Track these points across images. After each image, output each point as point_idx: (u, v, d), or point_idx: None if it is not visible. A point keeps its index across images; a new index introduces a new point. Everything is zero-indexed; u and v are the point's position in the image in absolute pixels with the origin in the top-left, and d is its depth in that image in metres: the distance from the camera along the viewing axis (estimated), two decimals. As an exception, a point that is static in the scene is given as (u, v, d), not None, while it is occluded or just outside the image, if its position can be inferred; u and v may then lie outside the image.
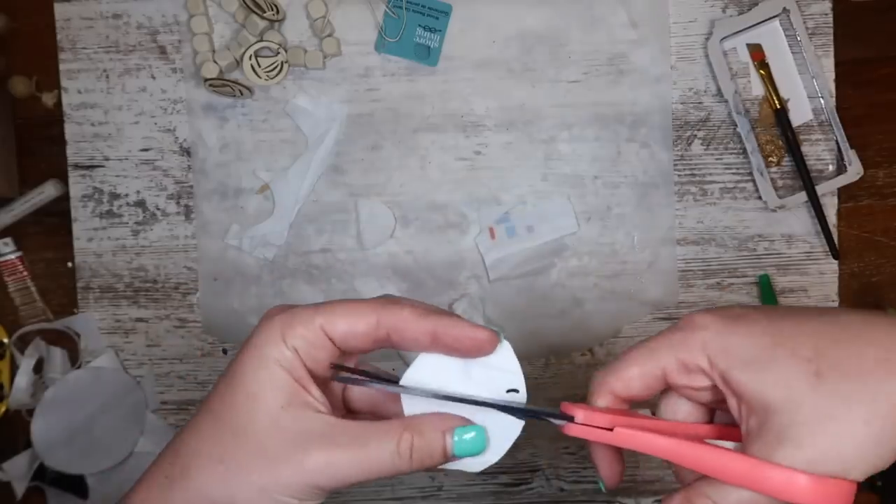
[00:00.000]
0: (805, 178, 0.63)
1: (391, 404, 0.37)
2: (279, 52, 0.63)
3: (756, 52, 0.64)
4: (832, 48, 0.64)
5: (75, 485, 0.65)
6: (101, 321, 0.66)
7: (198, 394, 0.66)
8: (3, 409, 0.65)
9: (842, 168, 0.64)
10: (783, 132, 0.63)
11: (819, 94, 0.63)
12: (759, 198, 0.64)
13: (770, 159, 0.64)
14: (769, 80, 0.63)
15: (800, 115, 0.64)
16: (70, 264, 0.66)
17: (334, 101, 0.65)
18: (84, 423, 0.64)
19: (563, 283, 0.65)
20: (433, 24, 0.64)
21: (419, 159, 0.65)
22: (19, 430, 0.65)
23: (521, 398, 0.37)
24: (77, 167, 0.65)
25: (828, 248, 0.64)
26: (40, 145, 0.66)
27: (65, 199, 0.65)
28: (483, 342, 0.36)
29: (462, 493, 0.66)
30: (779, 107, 0.63)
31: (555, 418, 0.36)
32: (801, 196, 0.63)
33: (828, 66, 0.64)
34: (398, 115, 0.65)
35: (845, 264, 0.65)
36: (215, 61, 0.63)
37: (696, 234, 0.65)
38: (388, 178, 0.65)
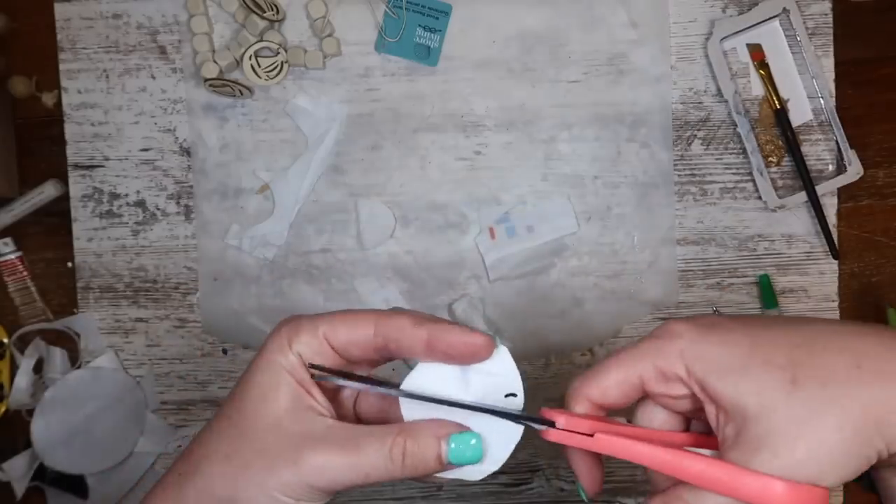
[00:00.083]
0: (805, 178, 0.63)
1: (399, 414, 0.37)
2: (279, 52, 0.63)
3: (756, 52, 0.64)
4: (832, 48, 0.64)
5: (75, 485, 0.65)
6: (101, 321, 0.66)
7: (198, 394, 0.66)
8: (3, 409, 0.65)
9: (842, 168, 0.64)
10: (783, 132, 0.63)
11: (819, 94, 0.63)
12: (759, 198, 0.64)
13: (770, 159, 0.64)
14: (769, 80, 0.63)
15: (800, 115, 0.64)
16: (70, 264, 0.66)
17: (334, 101, 0.65)
18: (84, 423, 0.64)
19: (563, 283, 0.65)
20: (433, 24, 0.64)
21: (419, 159, 0.65)
22: (19, 430, 0.65)
23: (518, 402, 0.37)
24: (77, 167, 0.65)
25: (828, 248, 0.64)
26: (40, 145, 0.66)
27: (65, 199, 0.65)
28: (478, 347, 0.36)
29: (462, 494, 0.66)
30: (779, 107, 0.63)
31: (536, 423, 0.36)
32: (801, 196, 0.63)
33: (828, 66, 0.64)
34: (398, 115, 0.65)
35: (845, 264, 0.65)
36: (215, 61, 0.63)
37: (696, 234, 0.65)
38: (388, 178, 0.65)
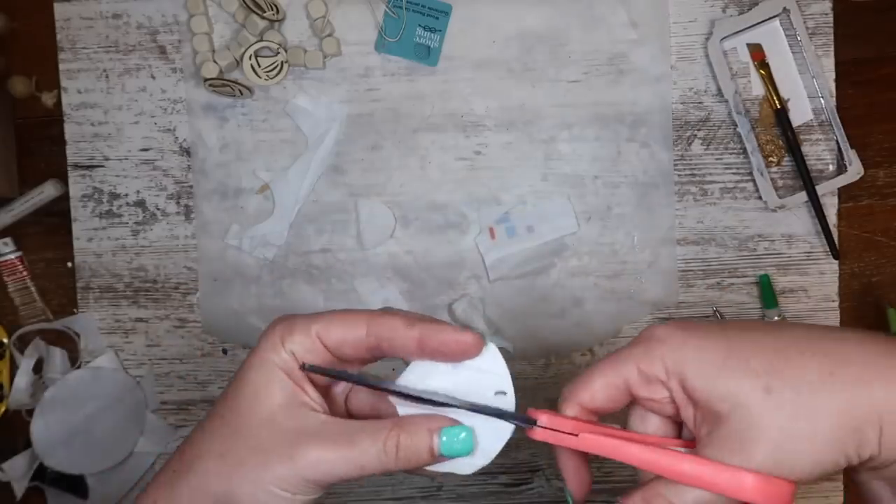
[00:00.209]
0: (805, 178, 0.63)
1: (390, 410, 0.38)
2: (279, 52, 0.63)
3: (756, 51, 0.64)
4: (832, 48, 0.64)
5: (75, 485, 0.65)
6: (101, 321, 0.66)
7: (198, 394, 0.66)
8: (3, 409, 0.65)
9: (842, 168, 0.64)
10: (783, 132, 0.63)
11: (819, 94, 0.63)
12: (760, 198, 0.64)
13: (770, 159, 0.64)
14: (769, 79, 0.63)
15: (800, 114, 0.64)
16: (70, 264, 0.66)
17: (334, 101, 0.65)
18: (84, 423, 0.64)
19: (563, 283, 0.65)
20: (433, 23, 0.64)
21: (419, 159, 0.65)
22: (19, 430, 0.65)
23: (509, 400, 0.38)
24: (77, 167, 0.65)
25: (828, 248, 0.64)
26: (40, 145, 0.66)
27: (65, 199, 0.65)
28: (468, 345, 0.37)
29: (462, 494, 0.66)
30: (779, 107, 0.63)
31: (520, 421, 0.37)
32: (802, 196, 0.63)
33: (828, 65, 0.64)
34: (398, 115, 0.65)
35: (845, 264, 0.65)
36: (215, 61, 0.63)
37: (696, 234, 0.65)
38: (388, 178, 0.65)
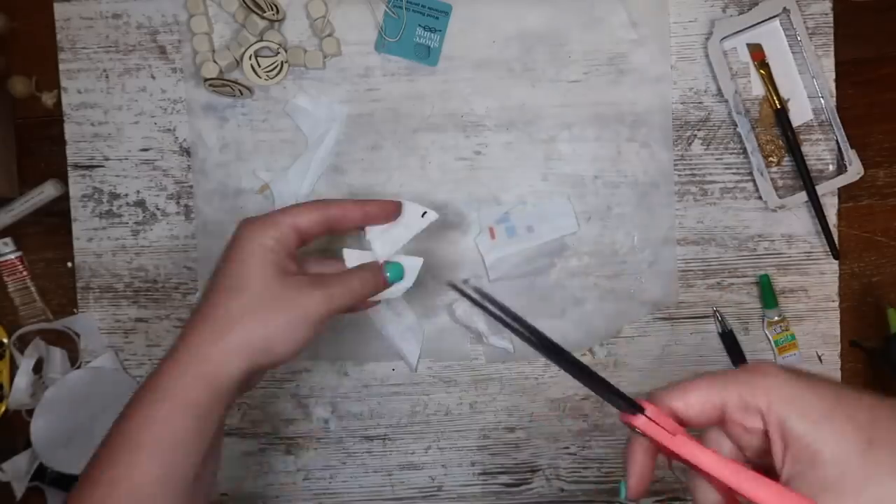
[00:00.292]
0: (805, 178, 0.63)
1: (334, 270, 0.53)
2: (279, 52, 0.63)
3: (756, 51, 0.64)
4: (832, 48, 0.64)
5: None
6: (101, 321, 0.66)
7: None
8: (3, 409, 0.65)
9: (842, 168, 0.64)
10: (783, 132, 0.63)
11: (819, 94, 0.63)
12: (760, 198, 0.64)
13: (770, 159, 0.64)
14: (769, 79, 0.63)
15: (800, 114, 0.64)
16: (70, 264, 0.66)
17: (334, 101, 0.65)
18: (84, 423, 0.64)
19: (563, 283, 0.65)
20: (433, 23, 0.64)
21: (419, 159, 0.65)
22: (19, 430, 0.65)
23: (431, 215, 0.55)
24: (77, 167, 0.65)
25: (828, 248, 0.64)
26: (40, 145, 0.66)
27: (65, 199, 0.65)
28: (394, 206, 0.54)
29: (462, 494, 0.66)
30: (779, 107, 0.63)
31: (629, 405, 0.38)
32: (802, 196, 0.63)
33: (828, 65, 0.64)
34: (398, 115, 0.65)
35: (845, 264, 0.65)
36: (215, 61, 0.63)
37: (696, 234, 0.65)
38: (388, 178, 0.65)
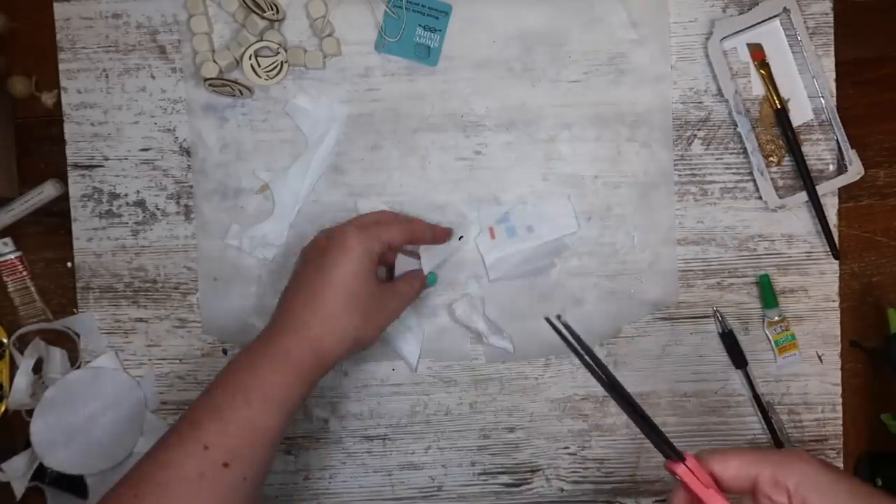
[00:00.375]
0: (805, 178, 0.63)
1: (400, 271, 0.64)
2: (279, 52, 0.63)
3: (756, 51, 0.63)
4: (832, 48, 0.64)
5: (75, 485, 0.65)
6: (100, 321, 0.66)
7: (197, 394, 0.66)
8: (3, 409, 0.65)
9: (842, 168, 0.64)
10: (783, 132, 0.63)
11: (819, 94, 0.63)
12: (760, 198, 0.64)
13: (770, 159, 0.64)
14: (769, 79, 0.63)
15: (800, 114, 0.64)
16: (70, 264, 0.66)
17: (334, 101, 0.65)
18: (84, 423, 0.64)
19: (563, 283, 0.65)
20: (433, 23, 0.64)
21: (419, 159, 0.65)
22: (19, 430, 0.65)
23: (465, 240, 0.65)
24: (77, 167, 0.65)
25: (828, 248, 0.64)
26: (40, 145, 0.66)
27: (64, 198, 0.65)
28: (451, 233, 0.64)
29: (462, 494, 0.66)
30: (779, 106, 0.63)
31: (674, 454, 0.44)
32: (802, 196, 0.63)
33: (828, 65, 0.64)
34: (398, 115, 0.65)
35: (846, 264, 0.65)
36: (215, 61, 0.63)
37: (697, 234, 0.65)
38: (388, 178, 0.65)
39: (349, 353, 0.56)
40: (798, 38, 0.63)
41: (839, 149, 0.63)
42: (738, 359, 0.65)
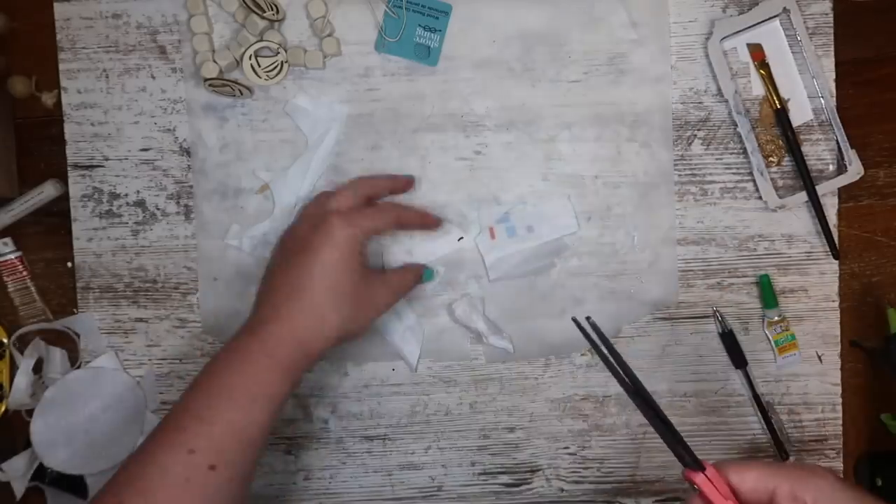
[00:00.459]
0: (805, 178, 0.63)
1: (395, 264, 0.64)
2: (279, 52, 0.63)
3: (756, 51, 0.64)
4: (832, 48, 0.64)
5: (75, 485, 0.65)
6: (100, 321, 0.66)
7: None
8: (3, 409, 0.65)
9: (842, 168, 0.64)
10: (783, 132, 0.63)
11: (819, 94, 0.63)
12: (760, 198, 0.64)
13: (770, 159, 0.64)
14: (769, 79, 0.63)
15: (800, 114, 0.64)
16: (70, 264, 0.66)
17: (334, 101, 0.65)
18: (84, 423, 0.64)
19: (563, 283, 0.65)
20: (433, 23, 0.64)
21: (419, 159, 0.65)
22: (19, 430, 0.65)
23: (465, 241, 0.65)
24: (77, 167, 0.65)
25: (828, 248, 0.64)
26: (40, 145, 0.66)
27: (64, 199, 0.65)
28: (438, 220, 0.63)
29: (462, 494, 0.66)
30: (779, 107, 0.63)
31: (694, 462, 0.44)
32: (802, 196, 0.63)
33: (828, 65, 0.64)
34: (398, 115, 0.65)
35: (846, 264, 0.65)
36: (215, 61, 0.63)
37: (697, 234, 0.65)
38: (388, 178, 0.65)
39: (336, 345, 0.55)
40: (798, 38, 0.63)
41: (839, 149, 0.63)
42: (737, 359, 0.65)
